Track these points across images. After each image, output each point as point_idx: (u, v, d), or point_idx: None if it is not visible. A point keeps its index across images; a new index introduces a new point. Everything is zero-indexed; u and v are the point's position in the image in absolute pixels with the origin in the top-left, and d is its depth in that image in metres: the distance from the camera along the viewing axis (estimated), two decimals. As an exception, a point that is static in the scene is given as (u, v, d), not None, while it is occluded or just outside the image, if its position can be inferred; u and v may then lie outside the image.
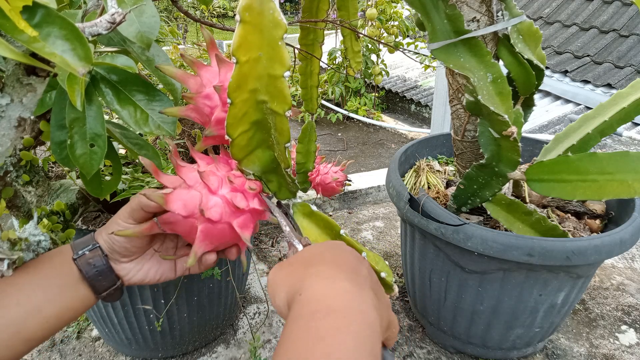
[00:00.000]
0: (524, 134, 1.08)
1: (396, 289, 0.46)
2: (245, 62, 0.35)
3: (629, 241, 0.81)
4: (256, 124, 0.40)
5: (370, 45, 3.86)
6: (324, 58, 3.95)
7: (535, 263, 0.78)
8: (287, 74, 0.36)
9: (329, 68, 4.24)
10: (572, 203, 1.01)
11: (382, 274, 0.44)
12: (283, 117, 0.39)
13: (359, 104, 4.34)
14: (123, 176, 0.93)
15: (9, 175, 0.56)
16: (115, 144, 0.69)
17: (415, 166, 1.21)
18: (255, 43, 0.34)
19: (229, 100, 0.37)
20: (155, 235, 0.47)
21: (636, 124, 2.89)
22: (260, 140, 0.42)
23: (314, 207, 0.49)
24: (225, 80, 0.43)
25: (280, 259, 1.45)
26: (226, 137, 0.40)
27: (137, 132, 0.71)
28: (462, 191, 0.93)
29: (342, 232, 0.47)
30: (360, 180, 1.91)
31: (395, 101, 4.78)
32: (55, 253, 0.45)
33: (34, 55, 0.36)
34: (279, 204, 0.49)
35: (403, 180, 1.13)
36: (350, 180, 0.98)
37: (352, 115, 4.19)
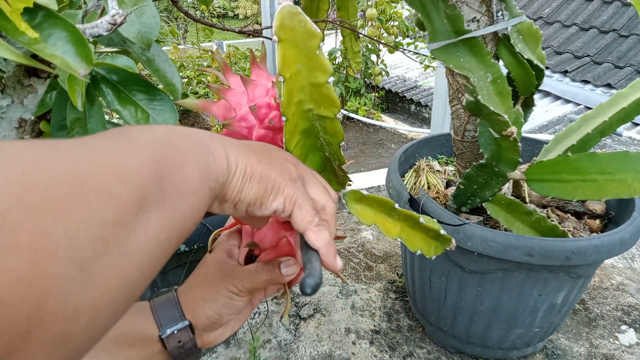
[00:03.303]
0: (524, 134, 1.08)
1: (454, 241, 0.51)
2: (289, 78, 0.37)
3: (629, 241, 0.81)
4: (305, 132, 0.42)
5: (370, 46, 3.86)
6: (324, 58, 3.94)
7: (535, 263, 0.78)
8: (332, 79, 0.38)
9: (329, 68, 4.23)
10: (572, 203, 1.01)
11: (442, 232, 0.50)
12: (334, 119, 0.41)
13: (359, 104, 4.35)
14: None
15: (9, 175, 0.57)
16: (115, 144, 0.69)
17: (415, 166, 1.21)
18: (292, 57, 0.36)
19: (283, 118, 0.39)
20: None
21: (636, 124, 2.89)
22: (310, 145, 0.44)
23: (364, 192, 0.51)
24: (255, 98, 0.44)
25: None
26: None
27: (138, 133, 0.71)
28: (462, 191, 0.93)
29: (396, 205, 0.50)
30: (360, 180, 1.91)
31: (395, 101, 4.79)
32: (138, 325, 0.40)
33: (34, 56, 0.36)
34: None
35: (403, 180, 1.13)
36: (350, 180, 0.98)
37: (352, 115, 4.19)
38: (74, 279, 0.17)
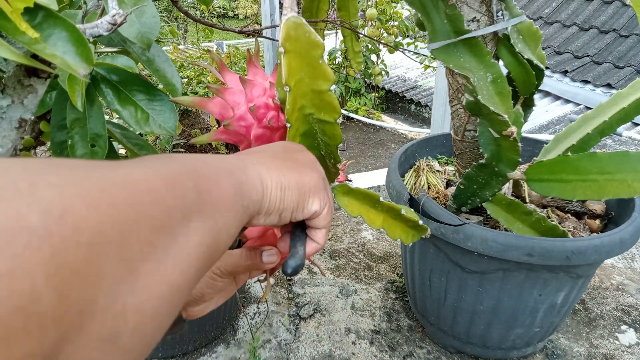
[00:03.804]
0: (524, 134, 1.08)
1: (429, 230, 0.56)
2: (293, 86, 0.38)
3: (628, 241, 0.81)
4: (304, 134, 0.44)
5: (370, 46, 3.86)
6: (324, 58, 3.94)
7: (535, 263, 0.78)
8: (333, 87, 0.40)
9: (329, 68, 4.23)
10: (572, 203, 1.01)
11: (420, 222, 0.53)
12: (334, 124, 0.43)
13: (359, 104, 4.35)
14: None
15: (9, 175, 0.56)
16: (115, 144, 0.69)
17: (415, 166, 1.21)
18: (297, 66, 0.37)
19: (288, 125, 0.40)
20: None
21: (636, 124, 2.89)
22: (307, 145, 0.46)
23: (352, 185, 0.54)
24: (253, 98, 0.45)
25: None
26: None
27: (138, 132, 0.71)
28: (462, 191, 0.93)
29: (381, 198, 0.53)
30: (360, 180, 1.91)
31: (395, 101, 4.78)
32: None
33: (35, 56, 0.36)
34: None
35: (403, 180, 1.13)
36: (350, 180, 0.98)
37: (352, 115, 4.19)
38: (122, 279, 0.18)
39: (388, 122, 4.43)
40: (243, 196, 0.28)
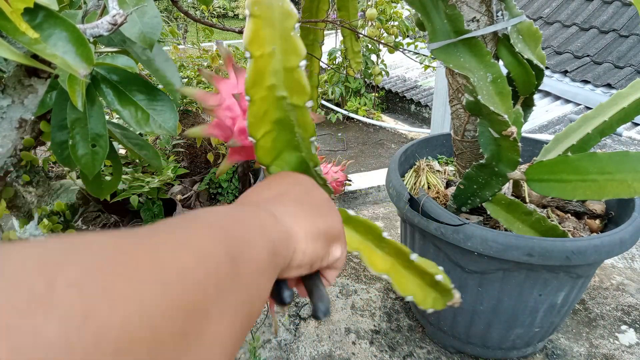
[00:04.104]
0: (523, 134, 1.08)
1: (457, 295, 0.43)
2: (259, 57, 0.34)
3: (629, 241, 0.81)
4: (278, 123, 0.39)
5: (370, 46, 3.86)
6: (324, 58, 3.95)
7: (535, 263, 0.78)
8: (304, 63, 0.35)
9: (329, 68, 4.24)
10: (572, 203, 1.01)
11: (438, 277, 0.43)
12: (304, 109, 0.38)
13: (359, 104, 4.35)
14: (123, 176, 0.94)
15: (9, 175, 0.57)
16: (115, 144, 0.69)
17: (415, 166, 1.21)
18: (267, 37, 0.33)
19: (247, 97, 0.36)
20: None
21: (636, 124, 2.89)
22: (285, 142, 0.41)
23: (351, 212, 0.47)
24: (243, 88, 0.43)
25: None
26: (249, 139, 0.39)
27: (138, 132, 0.71)
28: (462, 191, 0.93)
29: (384, 234, 0.46)
30: (360, 180, 1.91)
31: (395, 101, 4.79)
32: None
33: (35, 56, 0.36)
34: None
35: (403, 180, 1.13)
36: (350, 180, 0.98)
37: (352, 115, 4.19)
38: None
39: (388, 122, 4.43)
40: (276, 254, 0.27)
